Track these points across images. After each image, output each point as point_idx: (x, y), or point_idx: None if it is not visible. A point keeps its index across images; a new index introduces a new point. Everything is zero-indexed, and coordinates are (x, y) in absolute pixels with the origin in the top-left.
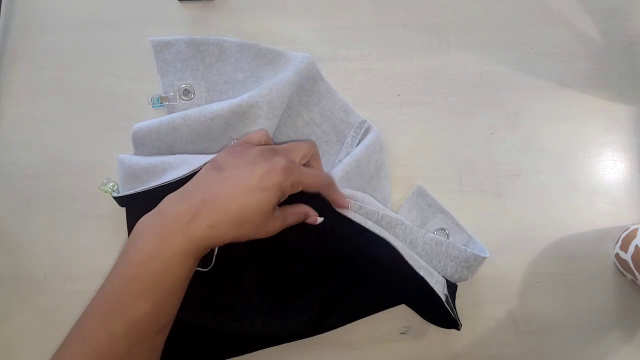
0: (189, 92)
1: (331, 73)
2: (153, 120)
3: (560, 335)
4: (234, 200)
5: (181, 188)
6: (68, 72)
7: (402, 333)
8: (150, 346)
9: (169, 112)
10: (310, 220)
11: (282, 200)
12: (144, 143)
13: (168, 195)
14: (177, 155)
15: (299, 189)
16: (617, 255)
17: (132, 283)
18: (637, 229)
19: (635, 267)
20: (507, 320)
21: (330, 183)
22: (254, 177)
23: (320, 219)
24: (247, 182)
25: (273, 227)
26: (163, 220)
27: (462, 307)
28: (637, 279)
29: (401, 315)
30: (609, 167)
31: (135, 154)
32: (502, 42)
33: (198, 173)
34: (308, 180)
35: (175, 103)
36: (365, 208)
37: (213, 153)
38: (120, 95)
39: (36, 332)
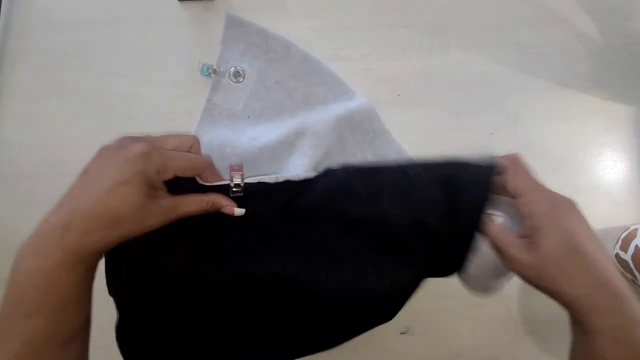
0: (239, 75)
1: None
2: (205, 146)
3: (560, 335)
4: (99, 203)
5: (55, 203)
6: (68, 72)
7: (402, 333)
8: (60, 359)
9: (213, 86)
10: (226, 211)
11: (157, 188)
12: None
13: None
14: None
15: (169, 174)
16: (617, 255)
17: (19, 303)
18: (637, 229)
19: (635, 267)
20: (507, 320)
21: (207, 165)
22: (112, 172)
23: (239, 210)
24: (107, 180)
25: (157, 219)
26: (38, 238)
27: (462, 307)
28: (637, 279)
29: (401, 315)
30: (609, 167)
31: None
32: (502, 42)
33: (70, 185)
34: (177, 163)
35: (223, 80)
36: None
37: None
38: (120, 95)
39: None
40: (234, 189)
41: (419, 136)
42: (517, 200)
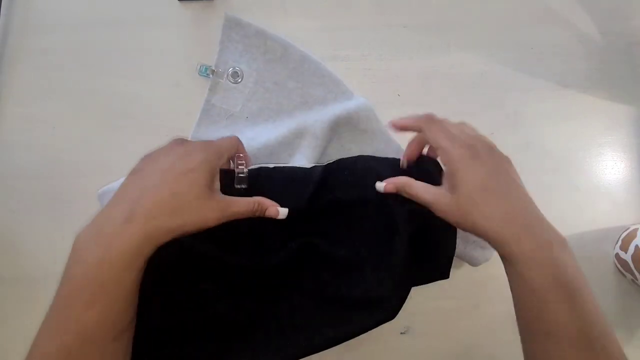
0: (238, 76)
1: None
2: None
3: None
4: (164, 189)
5: (110, 199)
6: (68, 72)
7: (402, 333)
8: (109, 353)
9: (211, 87)
10: (269, 213)
11: (214, 182)
12: None
13: (101, 209)
14: None
15: (226, 159)
16: (617, 255)
17: (78, 294)
18: (637, 229)
19: (635, 267)
20: (507, 320)
21: (241, 144)
22: (176, 163)
23: (283, 211)
24: (171, 170)
25: (214, 215)
26: (99, 230)
27: (462, 307)
28: (637, 279)
29: (401, 315)
30: (609, 167)
31: None
32: (502, 42)
33: (121, 184)
34: (226, 147)
35: (221, 80)
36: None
37: None
38: (120, 95)
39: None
40: (239, 175)
41: None
42: (437, 152)
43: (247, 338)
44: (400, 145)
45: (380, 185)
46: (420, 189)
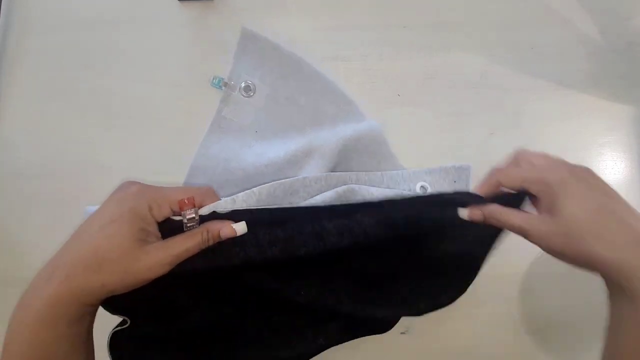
0: (250, 90)
1: (331, 73)
2: (211, 159)
3: (560, 335)
4: (85, 244)
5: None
6: (68, 72)
7: (402, 333)
8: None
9: (223, 99)
10: (225, 234)
11: (149, 233)
12: (195, 182)
13: None
14: None
15: (165, 210)
16: None
17: (7, 357)
18: None
19: None
20: (507, 320)
21: (207, 194)
22: (104, 212)
23: (240, 226)
24: (96, 222)
25: (150, 263)
26: (28, 289)
27: (463, 307)
28: None
29: None
30: (609, 167)
31: None
32: (502, 42)
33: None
34: (174, 196)
35: (234, 92)
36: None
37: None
38: (120, 95)
39: None
40: (187, 225)
41: (418, 136)
42: (528, 185)
43: (229, 346)
44: (406, 170)
45: (463, 213)
46: (512, 214)
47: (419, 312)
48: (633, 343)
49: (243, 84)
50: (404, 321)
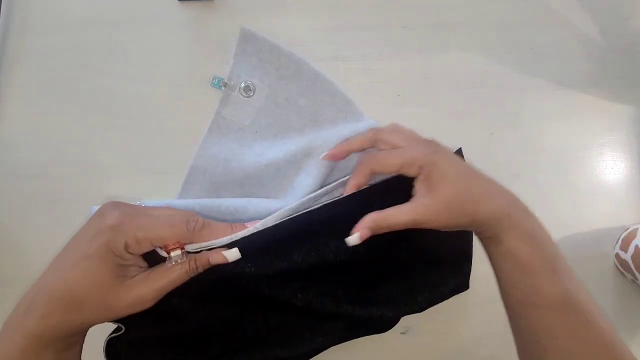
0: (250, 90)
1: (331, 73)
2: (210, 159)
3: None
4: (60, 280)
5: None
6: (68, 72)
7: (402, 333)
8: None
9: (222, 99)
10: (215, 261)
11: (128, 266)
12: (194, 182)
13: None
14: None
15: (144, 247)
16: (617, 255)
17: None
18: (637, 229)
19: (635, 267)
20: (507, 320)
21: (195, 232)
22: (80, 244)
23: (233, 254)
24: (72, 253)
25: (130, 300)
26: (10, 318)
27: (462, 306)
28: (637, 279)
29: None
30: (609, 167)
31: (181, 194)
32: (502, 42)
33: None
34: (153, 233)
35: (233, 93)
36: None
37: (259, 197)
38: (120, 95)
39: None
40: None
41: None
42: (400, 162)
43: (228, 345)
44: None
45: (354, 239)
46: (396, 213)
47: (420, 308)
48: (505, 275)
49: (243, 84)
50: (404, 321)
